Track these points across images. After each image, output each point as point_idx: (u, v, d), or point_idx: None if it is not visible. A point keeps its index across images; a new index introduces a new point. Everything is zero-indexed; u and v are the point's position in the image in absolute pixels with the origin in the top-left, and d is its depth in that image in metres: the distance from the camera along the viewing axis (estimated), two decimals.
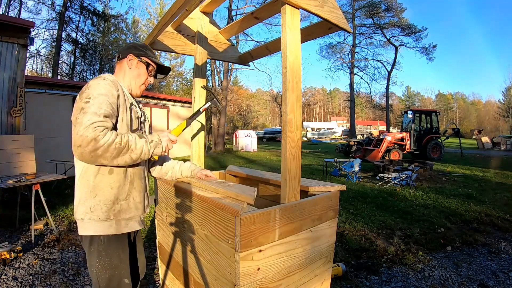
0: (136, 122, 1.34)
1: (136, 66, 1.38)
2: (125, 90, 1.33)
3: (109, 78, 1.23)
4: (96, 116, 1.09)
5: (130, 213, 1.30)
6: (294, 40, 1.27)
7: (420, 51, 28.20)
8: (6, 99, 5.32)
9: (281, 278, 1.23)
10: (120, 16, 24.90)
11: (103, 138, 1.05)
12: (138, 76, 1.39)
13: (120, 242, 1.29)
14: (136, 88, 1.40)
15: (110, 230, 1.24)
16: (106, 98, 1.14)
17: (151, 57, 1.41)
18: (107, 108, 1.14)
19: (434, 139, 12.65)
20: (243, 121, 45.37)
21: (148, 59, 1.40)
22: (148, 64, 1.41)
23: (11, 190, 4.22)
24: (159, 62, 1.45)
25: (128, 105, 1.29)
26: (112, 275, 1.26)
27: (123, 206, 1.27)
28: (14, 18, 9.81)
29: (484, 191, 6.09)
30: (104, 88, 1.17)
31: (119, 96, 1.22)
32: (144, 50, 1.40)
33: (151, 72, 1.43)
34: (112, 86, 1.20)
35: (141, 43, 1.45)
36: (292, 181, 1.30)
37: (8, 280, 2.41)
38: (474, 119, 57.54)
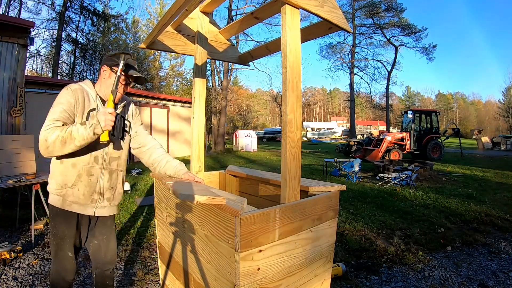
0: None
1: (109, 76, 1.53)
2: (92, 96, 1.52)
3: (72, 87, 1.46)
4: (52, 120, 1.37)
5: (73, 198, 1.54)
6: (294, 40, 1.27)
7: (420, 51, 28.17)
8: (6, 99, 5.32)
9: (281, 278, 1.23)
10: (120, 16, 24.89)
11: (50, 137, 1.32)
12: (111, 85, 1.49)
13: (66, 217, 1.55)
14: None
15: (57, 203, 1.54)
16: (62, 106, 1.41)
17: None
18: (61, 114, 1.40)
19: (434, 139, 12.65)
20: (243, 121, 45.36)
21: None
22: None
23: (11, 190, 4.22)
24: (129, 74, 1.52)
25: (86, 110, 1.49)
26: (57, 245, 1.56)
27: (68, 192, 1.53)
28: (14, 18, 9.81)
29: (484, 191, 6.09)
30: (63, 97, 1.43)
31: (76, 104, 1.44)
32: (117, 61, 1.48)
33: (123, 81, 1.53)
34: (71, 95, 1.44)
35: (117, 53, 1.51)
36: (292, 181, 1.30)
37: (8, 280, 2.41)
38: (474, 119, 57.51)
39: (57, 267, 1.59)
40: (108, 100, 1.45)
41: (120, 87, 1.52)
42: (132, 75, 1.54)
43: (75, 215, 1.58)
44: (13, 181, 3.33)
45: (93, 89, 1.54)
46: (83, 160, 1.51)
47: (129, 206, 4.58)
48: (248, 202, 1.21)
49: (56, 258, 1.59)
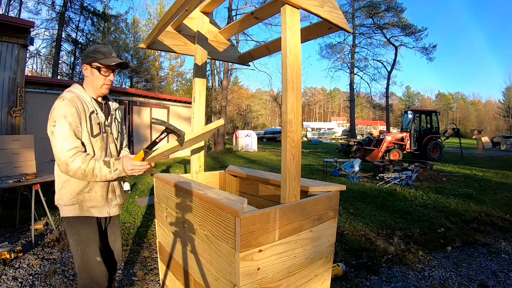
0: (96, 127, 1.54)
1: (91, 72, 1.54)
2: (87, 100, 1.53)
3: (67, 97, 1.45)
4: (65, 140, 1.38)
5: (92, 203, 1.55)
6: (294, 40, 1.27)
7: (420, 51, 28.15)
8: (6, 99, 5.32)
9: (281, 278, 1.23)
10: (120, 16, 24.89)
11: (72, 164, 1.36)
12: (96, 80, 1.55)
13: (86, 221, 1.55)
14: (98, 89, 1.57)
15: (74, 212, 1.52)
16: (66, 120, 1.40)
17: (100, 60, 1.51)
18: (69, 128, 1.41)
19: (434, 139, 12.64)
20: (243, 121, 45.36)
21: (98, 63, 1.52)
22: (98, 67, 1.53)
23: (11, 190, 4.22)
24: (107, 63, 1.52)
25: (88, 114, 1.51)
26: (83, 251, 1.52)
27: (86, 197, 1.53)
28: (14, 18, 9.81)
29: (484, 191, 6.09)
30: (63, 109, 1.42)
31: (78, 111, 1.45)
32: (93, 55, 1.52)
33: (105, 73, 1.55)
34: (69, 105, 1.43)
35: (92, 48, 1.55)
36: (292, 181, 1.30)
37: (8, 280, 2.41)
38: (474, 119, 57.48)
39: (87, 280, 1.53)
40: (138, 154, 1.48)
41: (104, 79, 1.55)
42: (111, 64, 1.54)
43: (94, 218, 1.58)
44: (13, 181, 3.33)
45: (84, 92, 1.55)
46: None
47: (129, 206, 4.58)
48: (248, 202, 1.21)
49: (83, 269, 1.53)
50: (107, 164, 1.42)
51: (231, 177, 2.22)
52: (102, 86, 1.57)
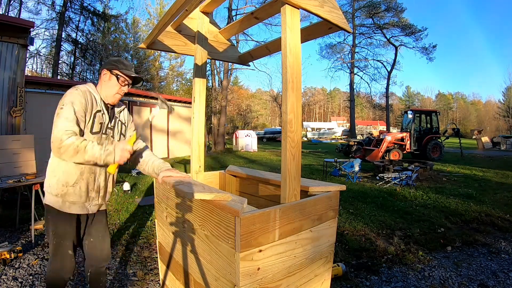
0: (97, 126, 1.57)
1: (109, 79, 1.62)
2: (97, 99, 1.59)
3: (81, 89, 1.52)
4: (67, 122, 1.41)
5: (74, 198, 1.57)
6: (294, 40, 1.27)
7: (420, 51, 28.16)
8: (6, 99, 5.32)
9: (281, 278, 1.23)
10: (120, 16, 24.88)
11: (66, 140, 1.37)
12: (111, 87, 1.62)
13: (67, 217, 1.59)
14: (111, 97, 1.63)
15: (56, 204, 1.56)
16: (72, 105, 1.45)
17: (122, 69, 1.61)
18: (74, 114, 1.45)
19: (434, 139, 12.64)
20: (243, 121, 45.36)
21: (119, 71, 1.61)
22: (118, 76, 1.61)
23: (11, 190, 4.21)
24: (128, 73, 1.62)
25: (93, 111, 1.55)
26: (58, 243, 1.59)
27: (69, 191, 1.56)
28: (14, 18, 9.81)
29: (484, 191, 6.09)
30: (73, 97, 1.48)
31: (86, 104, 1.51)
32: (116, 64, 1.61)
33: (122, 82, 1.63)
34: (81, 95, 1.49)
35: (116, 58, 1.66)
36: (292, 181, 1.30)
37: (8, 280, 2.41)
38: (474, 119, 57.48)
39: (55, 266, 1.62)
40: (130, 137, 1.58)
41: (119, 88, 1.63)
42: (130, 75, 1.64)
43: (74, 215, 1.62)
44: (13, 181, 3.33)
45: (96, 92, 1.61)
46: None
47: (129, 206, 4.58)
48: (248, 202, 1.21)
49: (55, 256, 1.62)
50: (100, 144, 1.48)
51: (231, 177, 2.22)
52: (115, 94, 1.63)
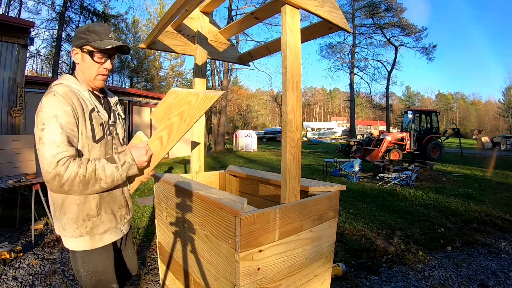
0: (99, 130, 1.22)
1: (82, 59, 1.21)
2: (84, 95, 1.21)
3: (59, 92, 1.11)
4: (55, 147, 1.04)
5: (104, 227, 1.26)
6: (294, 40, 1.27)
7: (420, 51, 28.17)
8: (6, 99, 5.32)
9: (281, 278, 1.23)
10: (120, 16, 24.88)
11: (66, 173, 1.02)
12: (89, 68, 1.21)
13: (102, 251, 1.28)
14: (93, 81, 1.24)
15: (85, 245, 1.23)
16: (57, 120, 1.07)
17: (94, 41, 1.18)
18: (63, 132, 1.07)
19: (434, 139, 12.65)
20: (243, 121, 45.38)
21: (90, 45, 1.18)
22: (90, 52, 1.20)
23: (11, 190, 4.22)
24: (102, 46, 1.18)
25: (87, 114, 1.18)
26: (98, 281, 1.26)
27: (96, 223, 1.23)
28: (14, 18, 9.81)
29: (484, 191, 6.09)
30: (54, 107, 1.08)
31: (74, 110, 1.12)
32: (85, 36, 1.18)
33: (100, 59, 1.21)
34: (64, 102, 1.10)
35: (84, 27, 1.21)
36: (292, 181, 1.30)
37: (8, 280, 2.41)
38: (474, 119, 57.50)
39: None
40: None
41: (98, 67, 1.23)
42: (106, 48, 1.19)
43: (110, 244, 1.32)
44: (13, 181, 3.33)
45: (79, 84, 1.22)
46: None
47: None
48: (248, 202, 1.21)
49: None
50: (111, 160, 1.12)
51: (231, 177, 2.22)
52: (96, 76, 1.23)
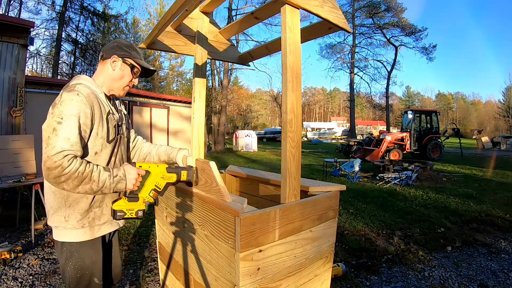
0: (113, 132, 1.31)
1: (120, 68, 1.34)
2: (102, 98, 1.29)
3: (83, 93, 1.19)
4: (68, 143, 1.10)
5: (104, 218, 1.33)
6: (294, 40, 1.27)
7: (420, 51, 28.19)
8: (6, 99, 5.33)
9: (281, 278, 1.23)
10: (120, 16, 24.88)
11: (69, 166, 1.07)
12: (122, 78, 1.35)
13: (94, 244, 1.32)
14: (120, 89, 1.38)
15: (84, 237, 1.27)
16: (77, 120, 1.14)
17: (136, 58, 1.36)
18: (78, 132, 1.14)
19: (434, 139, 12.66)
20: (243, 121, 45.39)
21: (133, 60, 1.35)
22: (132, 66, 1.36)
23: (11, 190, 4.22)
24: (144, 65, 1.38)
25: (104, 116, 1.26)
26: (83, 275, 1.30)
27: (97, 213, 1.29)
28: (14, 18, 9.81)
29: (484, 191, 6.09)
30: (77, 107, 1.15)
31: (93, 113, 1.20)
32: (129, 51, 1.34)
33: (136, 74, 1.38)
34: (86, 104, 1.17)
35: (127, 43, 1.39)
36: (292, 181, 1.30)
37: (8, 280, 2.41)
38: (474, 119, 57.53)
39: None
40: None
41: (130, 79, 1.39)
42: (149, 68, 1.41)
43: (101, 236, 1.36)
44: (13, 181, 3.33)
45: (98, 87, 1.32)
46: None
47: None
48: (248, 202, 1.21)
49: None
50: (107, 169, 1.19)
51: (231, 177, 2.22)
52: (125, 87, 1.38)
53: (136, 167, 1.24)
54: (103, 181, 1.14)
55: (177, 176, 1.33)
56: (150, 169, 1.28)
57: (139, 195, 1.25)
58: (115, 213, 1.20)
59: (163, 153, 1.63)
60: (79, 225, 1.25)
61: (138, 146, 1.66)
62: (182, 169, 1.36)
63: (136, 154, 1.65)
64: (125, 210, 1.21)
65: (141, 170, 1.25)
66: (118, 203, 1.21)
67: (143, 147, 1.66)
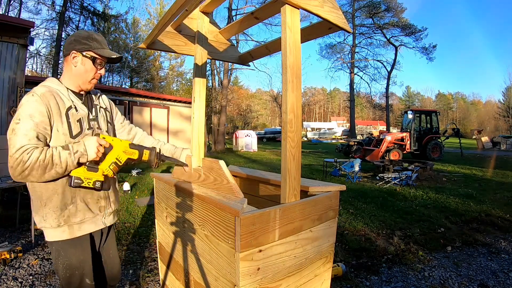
0: (76, 126, 1.29)
1: (81, 63, 1.30)
2: (64, 94, 1.29)
3: (38, 93, 1.21)
4: (26, 139, 1.13)
5: (81, 216, 1.31)
6: (294, 40, 1.27)
7: (420, 51, 28.20)
8: (6, 99, 5.33)
9: (281, 278, 1.23)
10: (120, 16, 24.91)
11: (29, 159, 1.10)
12: (85, 72, 1.31)
13: (78, 244, 1.32)
14: (86, 84, 1.34)
15: (63, 235, 1.28)
16: (32, 120, 1.16)
17: (96, 49, 1.30)
18: (35, 128, 1.16)
19: (434, 139, 12.66)
20: (243, 121, 45.41)
21: (94, 52, 1.30)
22: (94, 58, 1.31)
23: (11, 190, 4.22)
24: (106, 54, 1.32)
25: (63, 112, 1.25)
26: (72, 274, 1.30)
27: (72, 211, 1.28)
28: (14, 18, 9.81)
29: (484, 191, 6.09)
30: (31, 107, 1.17)
31: (49, 110, 1.20)
32: (88, 43, 1.29)
33: (100, 64, 1.34)
34: (39, 102, 1.19)
35: (85, 33, 1.32)
36: (292, 181, 1.30)
37: (8, 280, 2.41)
38: (474, 119, 57.53)
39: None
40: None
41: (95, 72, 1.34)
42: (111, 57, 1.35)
43: (87, 235, 1.36)
44: (13, 181, 3.33)
45: (61, 85, 1.31)
46: None
47: (129, 206, 4.58)
48: (248, 202, 1.21)
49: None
50: (65, 147, 1.18)
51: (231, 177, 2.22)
52: (91, 80, 1.34)
53: (100, 137, 1.25)
54: (65, 161, 1.16)
55: (139, 153, 1.34)
56: (113, 142, 1.28)
57: (99, 166, 1.26)
58: (72, 179, 1.19)
59: (167, 151, 1.63)
60: (56, 224, 1.26)
61: (138, 139, 1.64)
62: (145, 148, 1.37)
63: None
64: (82, 178, 1.21)
65: (103, 141, 1.25)
66: (77, 170, 1.20)
67: (145, 141, 1.65)
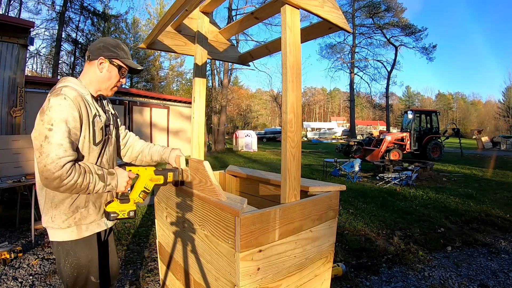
0: (100, 134, 1.32)
1: (107, 69, 1.33)
2: (89, 99, 1.30)
3: (70, 96, 1.18)
4: (62, 150, 1.11)
5: (91, 218, 1.34)
6: (294, 40, 1.27)
7: (420, 51, 28.18)
8: (6, 99, 5.33)
9: (281, 278, 1.23)
10: (120, 16, 24.89)
11: (67, 178, 1.11)
12: (109, 79, 1.35)
13: (87, 242, 1.35)
14: (108, 90, 1.38)
15: (72, 236, 1.30)
16: (67, 126, 1.15)
17: (123, 58, 1.36)
18: (69, 136, 1.15)
19: (434, 139, 12.66)
20: (243, 121, 45.42)
21: (121, 61, 1.35)
22: (120, 66, 1.36)
23: (11, 190, 4.22)
24: (132, 64, 1.39)
25: (91, 119, 1.27)
26: (79, 273, 1.32)
27: (83, 214, 1.32)
28: (14, 18, 9.81)
29: (484, 191, 6.09)
30: (65, 111, 1.15)
31: (81, 116, 1.20)
32: (116, 51, 1.34)
33: (123, 74, 1.39)
34: (73, 107, 1.17)
35: (114, 42, 1.37)
36: (292, 181, 1.30)
37: (8, 280, 2.41)
38: (474, 119, 57.52)
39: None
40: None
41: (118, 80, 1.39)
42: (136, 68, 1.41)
43: (95, 235, 1.40)
44: (13, 181, 3.33)
45: (84, 88, 1.31)
46: None
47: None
48: (248, 202, 1.21)
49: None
50: (102, 178, 1.23)
51: (231, 177, 2.22)
52: (113, 88, 1.39)
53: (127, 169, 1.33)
54: (97, 191, 1.23)
55: (164, 177, 1.43)
56: (139, 172, 1.37)
57: (130, 196, 1.33)
58: (109, 214, 1.27)
59: (155, 153, 1.63)
60: (65, 225, 1.28)
61: (130, 143, 1.65)
62: (168, 171, 1.46)
63: (128, 152, 1.64)
64: (117, 211, 1.28)
65: (131, 174, 1.34)
66: (111, 205, 1.28)
67: (135, 145, 1.65)
